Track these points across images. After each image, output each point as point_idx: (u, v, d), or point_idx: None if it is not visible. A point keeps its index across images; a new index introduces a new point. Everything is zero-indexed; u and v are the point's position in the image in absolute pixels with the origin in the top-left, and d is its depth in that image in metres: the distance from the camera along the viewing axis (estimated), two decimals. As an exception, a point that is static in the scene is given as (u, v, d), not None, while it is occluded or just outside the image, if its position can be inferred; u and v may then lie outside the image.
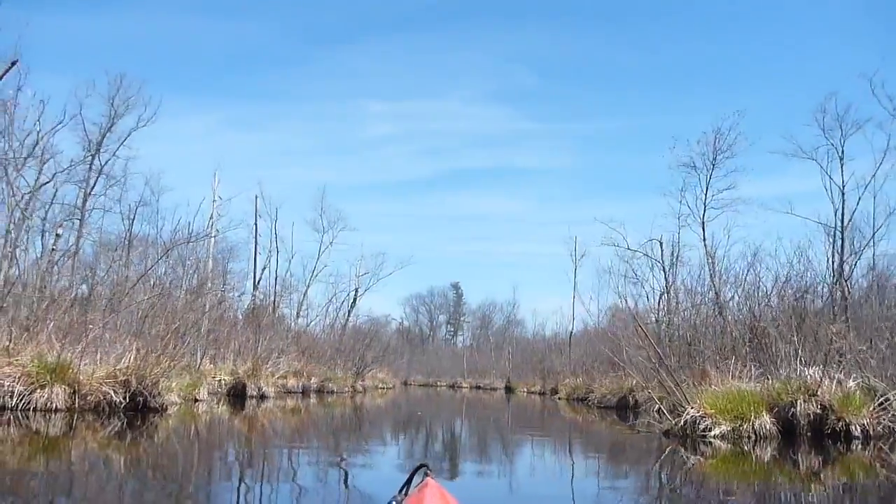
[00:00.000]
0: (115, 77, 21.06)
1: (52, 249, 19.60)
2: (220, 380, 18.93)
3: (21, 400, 10.08)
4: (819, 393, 10.22)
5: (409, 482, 3.76)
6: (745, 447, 9.36)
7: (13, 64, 14.32)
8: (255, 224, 31.34)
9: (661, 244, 24.15)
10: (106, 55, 51.01)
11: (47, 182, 19.95)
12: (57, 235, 19.81)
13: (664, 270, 23.84)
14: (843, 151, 21.49)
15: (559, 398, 28.76)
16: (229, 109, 76.28)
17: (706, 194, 23.57)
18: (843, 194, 21.13)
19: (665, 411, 11.02)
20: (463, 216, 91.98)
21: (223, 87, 74.93)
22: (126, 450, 7.94)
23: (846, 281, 18.12)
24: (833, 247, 19.58)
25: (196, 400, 15.11)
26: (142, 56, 55.59)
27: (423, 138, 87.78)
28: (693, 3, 70.88)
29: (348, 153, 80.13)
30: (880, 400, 10.11)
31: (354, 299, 39.00)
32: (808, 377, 10.60)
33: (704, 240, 22.57)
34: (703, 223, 23.21)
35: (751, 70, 64.59)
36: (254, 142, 68.32)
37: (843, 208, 20.66)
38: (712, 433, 9.82)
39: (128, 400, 10.93)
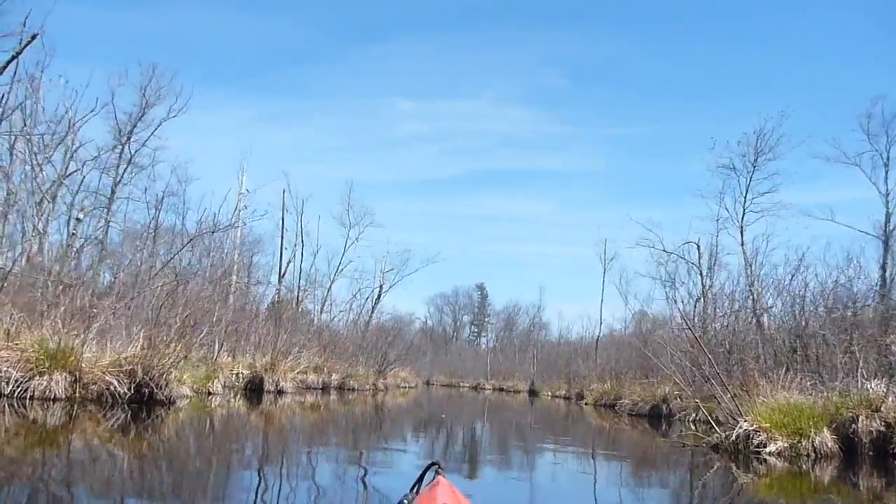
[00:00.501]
0: (148, 67, 20.85)
1: (72, 234, 19.24)
2: (237, 373, 18.33)
3: (18, 387, 9.44)
4: (883, 409, 9.30)
5: (420, 480, 3.71)
6: (804, 466, 8.46)
7: (34, 37, 13.81)
8: (282, 217, 30.91)
9: (698, 247, 23.16)
10: (139, 47, 51.18)
11: (75, 171, 19.73)
12: (77, 220, 19.44)
13: (701, 275, 22.84)
14: (888, 158, 20.47)
15: (585, 404, 27.82)
16: (259, 104, 76.36)
17: (745, 197, 22.56)
18: (887, 202, 20.11)
19: (712, 422, 10.12)
20: (489, 217, 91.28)
21: (254, 82, 75.15)
22: (128, 445, 7.28)
23: (901, 290, 17.08)
24: (886, 254, 18.55)
25: (210, 393, 14.50)
26: (174, 49, 55.88)
27: (451, 138, 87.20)
28: (726, 7, 69.22)
29: (376, 151, 79.86)
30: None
31: (379, 296, 38.34)
32: (871, 391, 9.67)
33: (743, 244, 21.58)
34: (742, 227, 22.19)
35: (786, 75, 62.70)
36: (282, 136, 68.25)
37: (887, 215, 19.69)
38: (767, 449, 8.89)
39: (132, 391, 10.27)
